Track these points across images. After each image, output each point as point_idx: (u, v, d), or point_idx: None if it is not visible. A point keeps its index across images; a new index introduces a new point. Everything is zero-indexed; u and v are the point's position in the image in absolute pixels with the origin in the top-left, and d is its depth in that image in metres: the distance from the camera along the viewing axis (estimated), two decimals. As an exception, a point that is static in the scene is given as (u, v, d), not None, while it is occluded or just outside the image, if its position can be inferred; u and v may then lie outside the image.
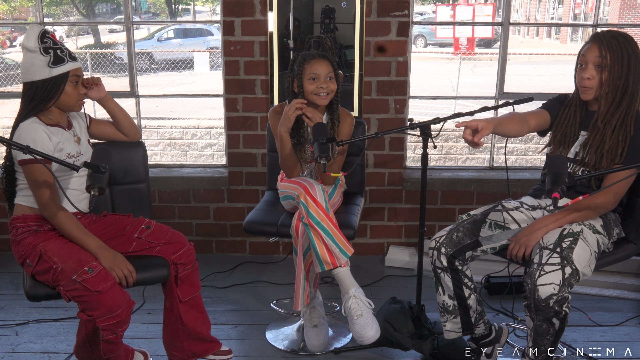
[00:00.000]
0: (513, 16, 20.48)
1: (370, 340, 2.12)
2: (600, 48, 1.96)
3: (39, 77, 1.96)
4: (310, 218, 2.14)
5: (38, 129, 1.94)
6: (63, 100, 2.00)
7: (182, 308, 2.09)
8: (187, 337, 2.14)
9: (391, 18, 3.05)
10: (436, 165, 5.01)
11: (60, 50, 1.98)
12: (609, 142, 1.98)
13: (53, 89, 1.97)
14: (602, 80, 1.98)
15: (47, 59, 1.95)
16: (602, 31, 2.02)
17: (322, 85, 2.29)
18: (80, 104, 2.07)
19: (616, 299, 2.84)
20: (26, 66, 1.97)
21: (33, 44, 1.95)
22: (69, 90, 2.00)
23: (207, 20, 17.80)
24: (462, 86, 9.65)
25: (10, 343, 2.46)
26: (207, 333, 2.18)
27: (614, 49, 1.95)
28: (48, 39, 1.97)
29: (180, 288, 2.08)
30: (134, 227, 2.12)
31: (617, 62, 1.95)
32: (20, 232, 1.98)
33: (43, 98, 1.97)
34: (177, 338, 2.14)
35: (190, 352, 2.17)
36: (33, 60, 1.95)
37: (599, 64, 1.97)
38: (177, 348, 2.16)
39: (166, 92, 9.68)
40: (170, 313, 2.12)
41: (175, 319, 2.11)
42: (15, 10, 14.62)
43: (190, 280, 2.10)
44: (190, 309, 2.11)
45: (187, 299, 2.09)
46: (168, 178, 3.30)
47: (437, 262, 2.09)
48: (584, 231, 1.93)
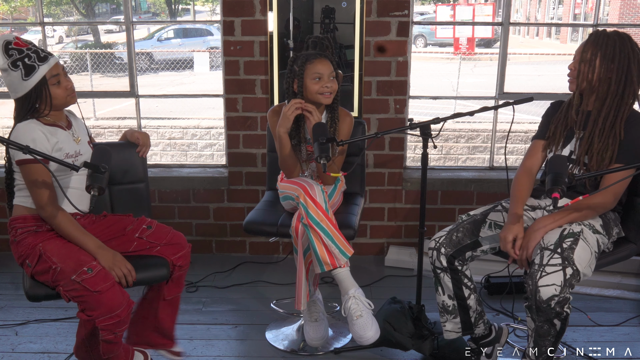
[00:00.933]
0: (513, 16, 20.46)
1: (370, 341, 2.12)
2: (586, 43, 2.02)
3: (21, 92, 1.94)
4: (309, 219, 2.14)
5: (35, 129, 1.93)
6: (53, 103, 1.98)
7: (162, 305, 2.13)
8: (151, 328, 2.17)
9: (391, 18, 3.05)
10: (436, 165, 5.02)
11: (27, 57, 1.91)
12: (598, 144, 1.99)
13: (38, 98, 1.95)
14: (580, 72, 2.02)
15: (19, 73, 1.91)
16: (600, 29, 2.03)
17: (326, 84, 2.29)
18: (72, 97, 2.03)
19: (616, 299, 2.84)
20: (7, 85, 1.95)
21: (1, 62, 1.91)
22: (54, 92, 1.97)
23: (207, 20, 17.80)
24: (462, 86, 9.65)
25: (10, 343, 2.46)
26: (170, 330, 2.21)
27: (599, 45, 1.98)
28: (13, 50, 1.91)
29: (168, 287, 2.10)
30: (135, 227, 2.12)
31: (599, 57, 1.98)
32: (20, 233, 1.98)
33: (31, 107, 1.95)
34: (142, 326, 2.17)
35: (148, 341, 2.20)
36: (9, 79, 1.93)
37: (581, 58, 2.02)
38: (137, 333, 2.19)
39: (166, 92, 9.68)
40: (149, 305, 2.15)
41: (150, 312, 2.15)
42: (15, 10, 14.62)
43: (178, 281, 2.12)
44: (168, 306, 2.15)
45: (171, 297, 2.13)
46: (168, 178, 3.30)
47: (436, 262, 2.09)
48: (584, 231, 1.93)
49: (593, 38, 2.01)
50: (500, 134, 5.66)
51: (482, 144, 7.29)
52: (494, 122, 3.35)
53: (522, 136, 7.34)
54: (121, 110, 9.02)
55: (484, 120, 7.32)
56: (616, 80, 1.98)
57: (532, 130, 7.21)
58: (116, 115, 8.79)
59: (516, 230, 1.96)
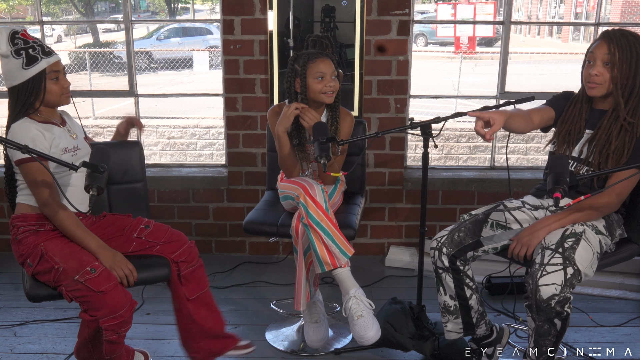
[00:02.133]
0: (514, 15, 20.44)
1: (371, 341, 2.11)
2: (610, 45, 1.95)
3: (17, 81, 1.94)
4: (309, 219, 2.13)
5: (31, 128, 1.93)
6: (47, 98, 1.98)
7: (191, 307, 2.07)
8: (202, 336, 2.11)
9: (392, 17, 3.04)
10: (437, 164, 5.00)
11: (32, 48, 1.94)
12: (615, 143, 1.96)
13: (34, 90, 1.95)
14: (611, 77, 1.96)
15: (20, 61, 1.92)
16: (612, 29, 2.01)
17: (329, 83, 2.28)
18: (66, 97, 2.04)
19: (618, 300, 2.83)
20: (4, 72, 1.95)
21: (5, 49, 1.92)
22: (50, 87, 1.97)
23: (206, 19, 17.79)
24: (463, 85, 9.64)
25: (9, 343, 2.45)
26: (221, 329, 2.15)
27: (623, 47, 1.94)
28: (19, 39, 1.94)
29: (186, 287, 2.06)
30: (133, 227, 2.11)
31: (626, 60, 1.94)
32: (21, 232, 1.97)
33: (26, 100, 1.95)
34: (192, 338, 2.12)
35: (209, 351, 2.14)
36: (8, 65, 1.93)
37: (607, 61, 1.96)
38: (194, 349, 2.14)
39: (165, 91, 9.66)
40: (180, 314, 2.11)
41: (186, 319, 2.10)
42: (13, 8, 14.61)
43: (195, 278, 2.08)
44: (200, 306, 2.09)
45: (195, 296, 2.07)
46: (167, 178, 3.29)
47: (438, 262, 2.08)
48: (586, 232, 1.92)
49: (614, 41, 1.95)
50: (502, 133, 5.66)
51: (483, 144, 7.27)
52: (495, 121, 3.33)
53: (523, 136, 7.34)
54: (120, 110, 9.01)
55: (485, 120, 7.30)
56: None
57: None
58: (115, 115, 8.77)
59: (495, 114, 1.89)
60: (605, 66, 1.97)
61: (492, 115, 1.90)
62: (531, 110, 2.15)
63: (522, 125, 2.07)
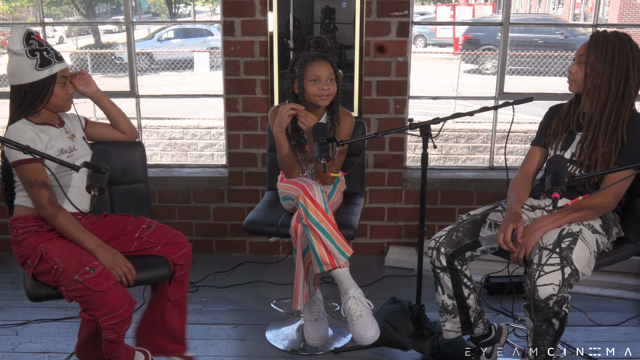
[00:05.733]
0: (512, 17, 20.40)
1: (370, 341, 2.12)
2: (589, 45, 2.02)
3: (26, 80, 1.94)
4: (309, 219, 2.14)
5: (27, 130, 1.94)
6: (52, 102, 2.00)
7: (168, 306, 2.12)
8: (161, 334, 2.16)
9: (391, 18, 3.05)
10: (436, 165, 5.01)
11: (46, 51, 1.96)
12: (602, 149, 2.00)
13: (42, 92, 1.96)
14: (583, 75, 2.03)
15: (34, 61, 1.93)
16: (602, 30, 2.03)
17: (323, 87, 2.29)
18: (69, 103, 2.06)
19: (616, 299, 2.84)
20: (13, 69, 1.95)
21: (19, 47, 1.93)
22: (57, 92, 1.99)
23: (207, 21, 17.79)
24: (462, 86, 9.65)
25: (11, 343, 2.47)
26: (181, 334, 2.20)
27: (600, 46, 1.99)
28: (34, 40, 1.96)
29: (172, 287, 2.10)
30: (135, 227, 2.12)
31: (600, 59, 1.99)
32: (21, 233, 1.98)
33: (32, 101, 1.96)
34: (151, 331, 2.17)
35: (159, 348, 2.20)
36: (20, 64, 1.94)
37: (582, 61, 2.03)
38: (147, 340, 2.19)
39: (166, 92, 9.68)
40: (154, 308, 2.15)
41: (156, 314, 2.15)
42: (15, 10, 14.61)
43: (181, 281, 2.12)
44: (175, 307, 2.14)
45: (175, 298, 2.12)
46: (168, 178, 3.31)
47: (436, 262, 2.09)
48: (583, 231, 1.93)
49: (594, 40, 2.01)
50: (500, 134, 5.67)
51: (482, 144, 7.29)
52: (494, 122, 3.35)
53: (522, 136, 7.35)
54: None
55: (484, 121, 7.32)
56: (616, 83, 1.98)
57: (532, 130, 7.21)
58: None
59: (515, 222, 1.96)
60: (580, 65, 2.04)
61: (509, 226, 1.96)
62: (526, 165, 2.21)
63: (529, 187, 2.17)
